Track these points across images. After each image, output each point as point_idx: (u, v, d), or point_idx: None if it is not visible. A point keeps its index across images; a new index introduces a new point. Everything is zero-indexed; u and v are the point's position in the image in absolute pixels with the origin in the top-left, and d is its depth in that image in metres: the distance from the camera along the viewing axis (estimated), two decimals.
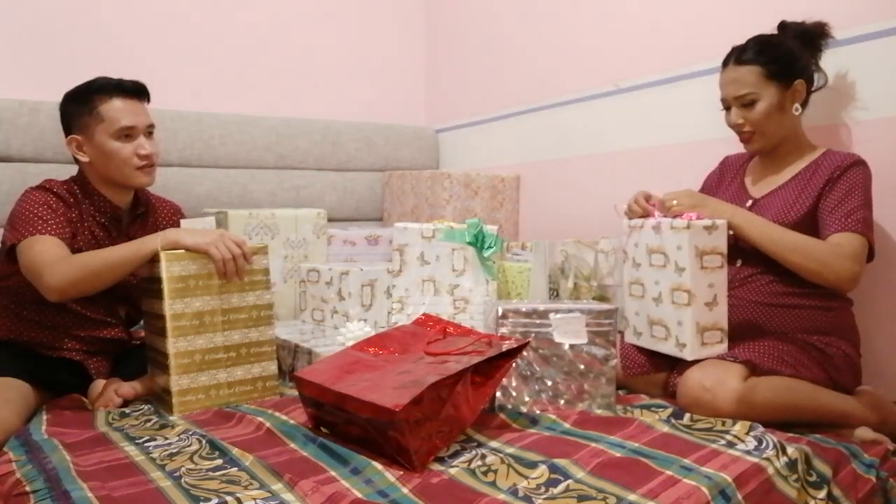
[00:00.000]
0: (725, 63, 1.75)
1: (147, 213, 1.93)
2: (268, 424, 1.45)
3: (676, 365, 1.67)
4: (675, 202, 1.65)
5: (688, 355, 1.59)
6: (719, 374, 1.51)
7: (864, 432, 1.50)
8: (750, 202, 1.77)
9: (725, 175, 1.92)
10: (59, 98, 1.84)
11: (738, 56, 1.72)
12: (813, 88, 1.75)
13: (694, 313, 1.58)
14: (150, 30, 2.79)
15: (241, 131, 2.84)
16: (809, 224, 1.65)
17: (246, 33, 2.99)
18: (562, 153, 2.68)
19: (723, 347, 1.61)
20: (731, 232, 1.64)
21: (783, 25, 1.78)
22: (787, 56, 1.70)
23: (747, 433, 1.36)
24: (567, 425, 1.46)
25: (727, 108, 1.76)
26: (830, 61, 1.78)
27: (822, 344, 1.62)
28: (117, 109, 1.76)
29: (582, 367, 1.58)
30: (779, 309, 1.67)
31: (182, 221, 1.89)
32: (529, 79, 2.83)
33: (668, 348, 1.65)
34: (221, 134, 2.79)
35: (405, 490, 1.16)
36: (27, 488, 1.17)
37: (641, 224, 1.69)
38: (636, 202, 1.74)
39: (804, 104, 1.73)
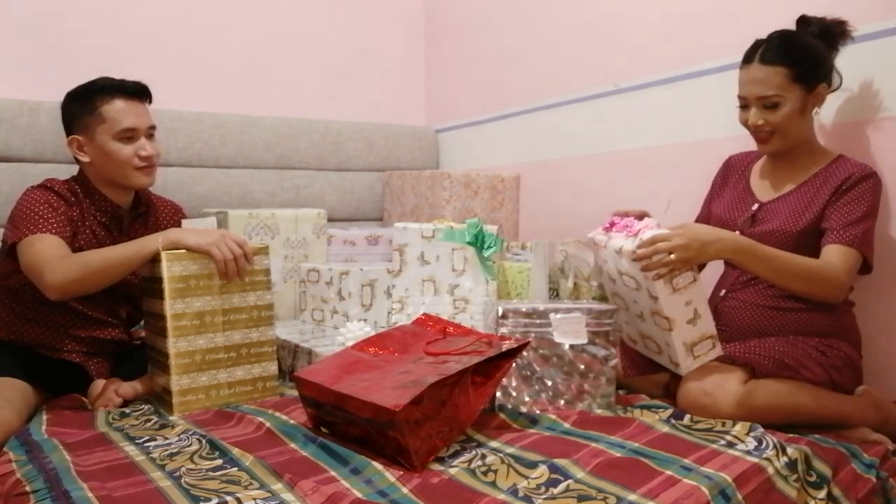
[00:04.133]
0: (748, 59, 1.66)
1: (148, 213, 1.93)
2: (268, 424, 1.45)
3: None
4: (665, 254, 1.49)
5: (683, 372, 1.58)
6: (719, 377, 1.51)
7: (864, 432, 1.50)
8: (756, 206, 1.74)
9: (730, 176, 1.88)
10: (60, 98, 1.84)
11: (763, 55, 1.63)
12: (830, 90, 1.69)
13: (678, 335, 1.55)
14: (151, 30, 2.79)
15: (241, 131, 2.84)
16: (814, 234, 1.64)
17: (246, 33, 2.99)
18: (562, 153, 2.68)
19: (717, 352, 1.59)
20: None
21: (804, 20, 1.69)
22: (814, 59, 1.64)
23: (747, 433, 1.36)
24: (567, 425, 1.46)
25: (745, 106, 1.68)
26: (846, 57, 1.72)
27: (823, 346, 1.61)
28: (119, 110, 1.76)
29: (582, 367, 1.58)
30: (780, 312, 1.66)
31: (183, 221, 1.89)
32: (529, 79, 2.83)
33: (663, 362, 1.65)
34: (221, 134, 2.79)
35: (405, 490, 1.16)
36: (27, 488, 1.17)
37: (605, 243, 1.61)
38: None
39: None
